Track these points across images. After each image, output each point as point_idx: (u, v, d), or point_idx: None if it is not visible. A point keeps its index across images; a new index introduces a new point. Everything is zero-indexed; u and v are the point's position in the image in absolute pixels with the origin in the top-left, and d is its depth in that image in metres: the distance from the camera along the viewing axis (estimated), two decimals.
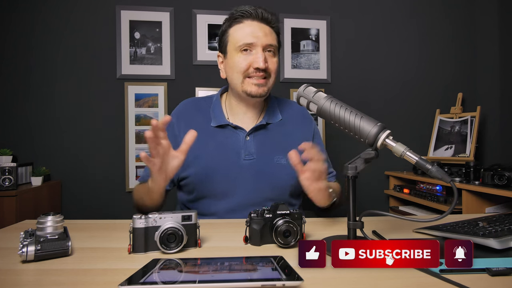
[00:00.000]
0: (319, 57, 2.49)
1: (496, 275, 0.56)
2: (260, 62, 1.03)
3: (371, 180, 2.50)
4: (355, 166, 0.68)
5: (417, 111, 2.57)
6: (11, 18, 2.24)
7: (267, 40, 1.05)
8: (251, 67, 1.05)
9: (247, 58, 1.05)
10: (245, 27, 1.06)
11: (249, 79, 1.06)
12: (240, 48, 1.05)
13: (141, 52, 2.34)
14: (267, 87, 1.08)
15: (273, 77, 1.09)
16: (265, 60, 1.04)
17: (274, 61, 1.08)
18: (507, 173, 1.62)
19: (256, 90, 1.06)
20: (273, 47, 1.07)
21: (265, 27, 1.07)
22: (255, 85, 1.06)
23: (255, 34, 1.04)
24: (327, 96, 0.74)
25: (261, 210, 0.76)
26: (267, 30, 1.07)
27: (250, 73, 1.05)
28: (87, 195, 2.30)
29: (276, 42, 1.10)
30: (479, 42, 2.57)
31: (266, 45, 1.05)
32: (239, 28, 1.07)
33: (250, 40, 1.04)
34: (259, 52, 1.04)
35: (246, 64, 1.05)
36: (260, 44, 1.04)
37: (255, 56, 1.04)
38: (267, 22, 1.07)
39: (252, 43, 1.04)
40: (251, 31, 1.05)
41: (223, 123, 1.11)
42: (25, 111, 2.25)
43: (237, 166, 1.07)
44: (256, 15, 1.06)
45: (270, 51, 1.07)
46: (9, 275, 0.59)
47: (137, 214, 0.70)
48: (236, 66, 1.07)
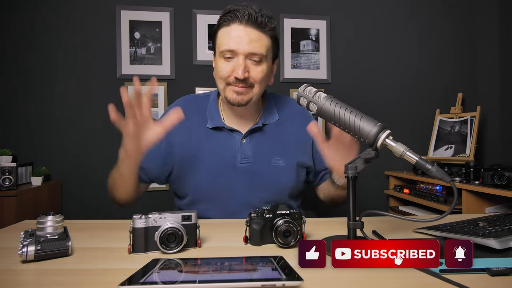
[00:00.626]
0: (319, 57, 2.49)
1: (496, 275, 0.56)
2: (239, 72, 0.97)
3: (371, 180, 2.50)
4: (355, 166, 0.68)
5: (417, 111, 2.57)
6: (11, 18, 2.24)
7: (250, 48, 0.97)
8: (231, 76, 0.99)
9: (228, 65, 0.99)
10: (231, 31, 0.99)
11: (231, 86, 1.01)
12: (223, 54, 1.00)
13: (141, 52, 2.34)
14: (249, 96, 1.02)
15: (258, 86, 1.02)
16: (245, 70, 0.97)
17: (258, 70, 1.00)
18: (507, 173, 1.62)
19: (235, 98, 1.01)
20: (258, 55, 0.99)
21: (253, 32, 0.98)
22: (234, 93, 1.01)
23: (239, 40, 0.97)
24: (327, 96, 0.74)
25: (261, 210, 0.76)
26: (254, 36, 0.98)
27: (230, 81, 1.00)
28: (87, 195, 2.29)
29: (265, 49, 1.00)
30: (479, 42, 2.56)
31: (248, 53, 0.98)
32: (225, 31, 1.00)
33: (232, 47, 0.97)
34: (240, 60, 0.97)
35: (227, 71, 0.99)
36: (241, 52, 0.97)
37: (235, 65, 0.98)
38: (256, 26, 0.98)
39: (233, 51, 0.98)
40: (235, 37, 0.98)
41: (219, 125, 1.08)
42: (25, 111, 2.25)
43: (233, 169, 1.06)
44: (243, 17, 0.97)
45: (255, 60, 0.99)
46: (9, 275, 0.59)
47: (137, 214, 0.70)
48: (218, 72, 1.02)
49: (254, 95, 1.03)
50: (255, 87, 1.02)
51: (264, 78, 1.04)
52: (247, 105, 1.04)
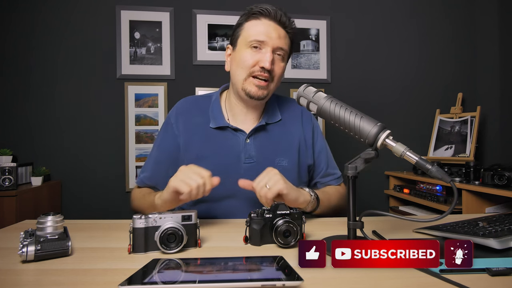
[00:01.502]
0: (319, 57, 2.49)
1: (496, 275, 0.56)
2: (267, 62, 1.01)
3: (371, 180, 2.50)
4: (355, 166, 0.68)
5: (417, 111, 2.57)
6: (11, 18, 2.24)
7: (279, 42, 1.03)
8: (257, 65, 1.02)
9: (255, 56, 1.03)
10: (260, 24, 1.03)
11: (252, 79, 1.04)
12: (251, 43, 1.03)
13: (141, 52, 2.34)
14: (268, 91, 1.06)
15: (276, 82, 1.07)
16: (272, 62, 1.02)
17: (281, 65, 1.06)
18: (507, 173, 1.62)
19: (255, 91, 1.04)
20: (283, 51, 1.05)
21: (281, 30, 1.04)
22: (255, 86, 1.03)
23: (269, 34, 1.02)
24: (327, 96, 0.74)
25: (261, 210, 0.76)
26: (282, 33, 1.04)
27: (255, 71, 1.03)
28: (87, 195, 2.30)
29: (288, 48, 1.07)
30: (479, 42, 2.57)
31: (276, 47, 1.03)
32: (255, 24, 1.04)
33: (262, 38, 1.02)
34: (268, 51, 1.02)
35: (253, 61, 1.02)
36: (271, 44, 1.02)
37: (263, 55, 1.02)
38: (283, 26, 1.05)
39: (263, 41, 1.02)
40: (265, 30, 1.03)
41: (222, 125, 1.09)
42: (25, 111, 2.25)
43: (237, 169, 1.06)
44: (275, 16, 1.03)
45: (280, 54, 1.05)
46: (9, 275, 0.59)
47: (137, 214, 0.70)
48: (242, 61, 1.04)
49: (271, 91, 1.08)
50: (273, 83, 1.07)
51: (281, 76, 1.09)
52: (263, 100, 1.08)
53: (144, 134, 2.34)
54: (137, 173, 2.31)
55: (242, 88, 1.05)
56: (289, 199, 0.88)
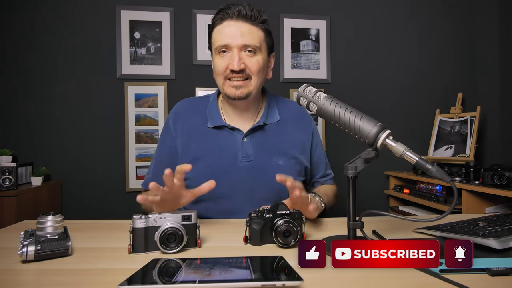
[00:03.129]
0: (319, 57, 2.49)
1: (496, 275, 0.56)
2: (235, 64, 1.00)
3: (371, 180, 2.50)
4: (355, 166, 0.68)
5: (417, 111, 2.57)
6: (11, 18, 2.24)
7: (242, 40, 1.02)
8: (228, 69, 1.03)
9: (224, 61, 1.03)
10: (223, 28, 1.03)
11: (229, 82, 1.04)
12: (218, 50, 1.04)
13: (141, 52, 2.34)
14: (248, 89, 1.05)
15: (256, 77, 1.05)
16: (240, 62, 1.01)
17: (253, 61, 1.04)
18: (507, 173, 1.62)
19: (234, 93, 1.04)
20: (252, 46, 1.03)
21: (244, 25, 1.03)
22: (233, 87, 1.04)
23: (231, 35, 1.02)
24: (327, 96, 0.74)
25: (261, 210, 0.76)
26: (246, 29, 1.02)
27: (228, 75, 1.03)
28: (87, 195, 2.30)
29: (258, 41, 1.04)
30: (479, 42, 2.56)
31: (241, 46, 1.02)
32: (218, 29, 1.05)
33: (225, 42, 1.02)
34: (234, 53, 1.02)
35: (223, 66, 1.03)
36: (235, 45, 1.02)
37: (230, 58, 1.02)
38: (246, 20, 1.03)
39: (227, 45, 1.02)
40: (227, 32, 1.02)
41: (219, 124, 1.10)
42: (25, 111, 2.25)
43: (234, 168, 1.06)
44: (233, 14, 1.02)
45: (250, 51, 1.03)
46: (9, 275, 0.59)
47: (137, 214, 0.70)
48: (216, 68, 1.06)
49: (253, 88, 1.06)
50: (252, 79, 1.05)
51: (261, 70, 1.06)
52: (247, 98, 1.06)
53: (144, 134, 2.34)
54: (137, 173, 2.32)
55: (223, 92, 1.07)
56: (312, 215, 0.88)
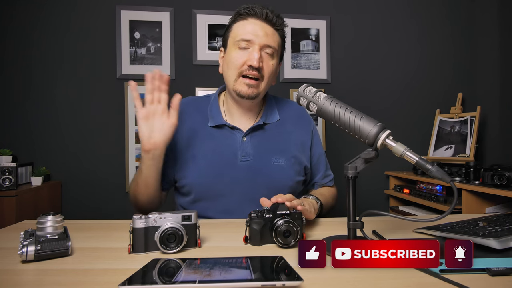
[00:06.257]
0: (319, 57, 2.49)
1: (496, 275, 0.56)
2: (254, 60, 1.01)
3: (371, 180, 2.50)
4: (355, 166, 0.68)
5: (417, 111, 2.57)
6: (11, 18, 2.24)
7: (266, 40, 1.04)
8: (245, 65, 1.03)
9: (244, 55, 1.03)
10: (247, 24, 1.05)
11: (242, 78, 1.05)
12: (238, 43, 1.04)
13: (141, 52, 2.34)
14: (258, 90, 1.06)
15: (267, 80, 1.07)
16: (260, 60, 1.02)
17: (270, 63, 1.06)
18: (507, 173, 1.62)
19: (245, 91, 1.04)
20: (272, 48, 1.05)
21: (268, 27, 1.06)
22: (246, 85, 1.04)
23: (255, 33, 1.03)
24: (327, 96, 0.74)
25: (261, 210, 0.76)
26: (269, 31, 1.05)
27: (244, 70, 1.04)
28: (87, 195, 2.30)
29: (277, 45, 1.07)
30: (479, 42, 2.56)
31: (264, 45, 1.04)
32: (242, 24, 1.06)
33: (249, 37, 1.03)
34: (255, 50, 1.02)
35: (241, 60, 1.03)
36: (258, 42, 1.03)
37: (251, 53, 1.03)
38: (271, 24, 1.06)
39: (250, 40, 1.03)
40: (252, 29, 1.04)
41: (220, 123, 1.10)
42: (25, 111, 2.25)
43: (234, 167, 1.07)
44: (261, 15, 1.05)
45: (268, 52, 1.05)
46: (9, 275, 0.59)
47: (137, 214, 0.70)
48: (231, 62, 1.05)
49: (262, 90, 1.08)
50: (263, 82, 1.07)
51: (272, 74, 1.09)
52: (255, 99, 1.08)
53: None
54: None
55: (233, 89, 1.07)
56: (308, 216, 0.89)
